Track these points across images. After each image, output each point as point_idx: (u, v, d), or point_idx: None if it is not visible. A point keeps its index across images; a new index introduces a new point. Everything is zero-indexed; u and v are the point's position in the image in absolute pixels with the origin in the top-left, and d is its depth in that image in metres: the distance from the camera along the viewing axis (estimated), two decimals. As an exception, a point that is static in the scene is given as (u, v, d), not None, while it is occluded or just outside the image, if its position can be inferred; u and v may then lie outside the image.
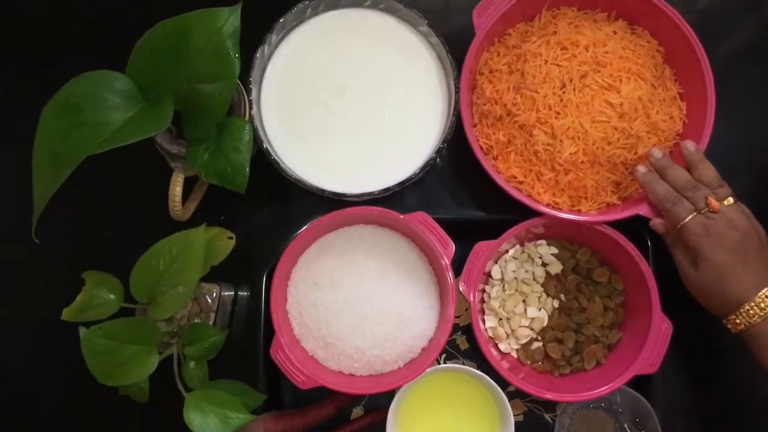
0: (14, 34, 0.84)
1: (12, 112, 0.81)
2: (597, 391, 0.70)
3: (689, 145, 0.69)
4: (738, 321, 0.64)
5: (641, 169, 0.70)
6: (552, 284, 0.76)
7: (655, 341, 0.70)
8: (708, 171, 0.68)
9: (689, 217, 0.66)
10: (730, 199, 0.66)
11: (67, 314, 0.62)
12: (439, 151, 0.70)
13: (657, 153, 0.70)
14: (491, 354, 0.72)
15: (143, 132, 0.59)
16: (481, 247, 0.72)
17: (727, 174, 0.68)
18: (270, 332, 0.71)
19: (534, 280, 0.77)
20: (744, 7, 0.85)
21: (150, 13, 0.62)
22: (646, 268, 0.71)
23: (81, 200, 0.77)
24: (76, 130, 0.59)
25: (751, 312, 0.63)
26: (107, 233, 0.78)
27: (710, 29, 0.72)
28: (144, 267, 0.60)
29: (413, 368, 0.71)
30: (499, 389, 0.71)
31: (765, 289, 0.63)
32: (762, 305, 0.62)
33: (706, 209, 0.65)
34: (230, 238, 0.69)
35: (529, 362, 0.76)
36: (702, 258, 0.65)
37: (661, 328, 0.70)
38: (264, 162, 0.71)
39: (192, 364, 0.65)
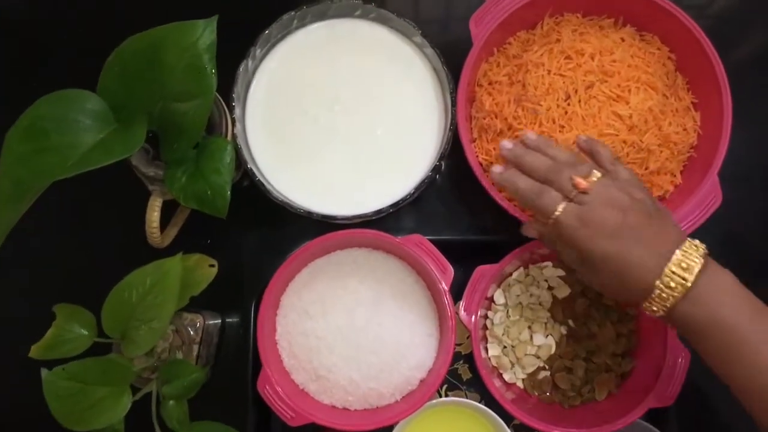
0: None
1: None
2: (609, 425, 0.65)
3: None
4: (655, 308, 0.53)
5: (496, 169, 0.61)
6: (559, 309, 0.71)
7: (671, 371, 0.65)
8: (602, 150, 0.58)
9: (560, 208, 0.55)
10: (596, 173, 0.55)
11: (35, 351, 0.58)
12: (435, 169, 0.66)
13: (531, 135, 0.61)
14: (494, 385, 0.67)
15: (114, 154, 0.55)
16: (482, 271, 0.68)
17: (742, 184, 0.63)
18: (259, 364, 0.67)
19: (540, 304, 0.72)
20: (755, 11, 0.81)
21: (121, 28, 0.58)
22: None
23: (52, 227, 0.74)
24: (42, 155, 0.55)
25: (663, 295, 0.51)
26: (81, 262, 0.74)
27: (721, 35, 0.67)
28: (115, 300, 0.56)
29: (411, 402, 0.66)
30: (503, 423, 0.66)
31: (668, 265, 0.51)
32: (671, 284, 0.51)
33: (575, 192, 0.55)
34: (212, 265, 0.65)
35: (536, 393, 0.71)
36: (587, 254, 0.54)
37: (678, 356, 0.65)
38: (251, 185, 0.66)
39: (171, 403, 0.60)
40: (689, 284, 0.51)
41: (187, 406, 0.62)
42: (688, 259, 0.51)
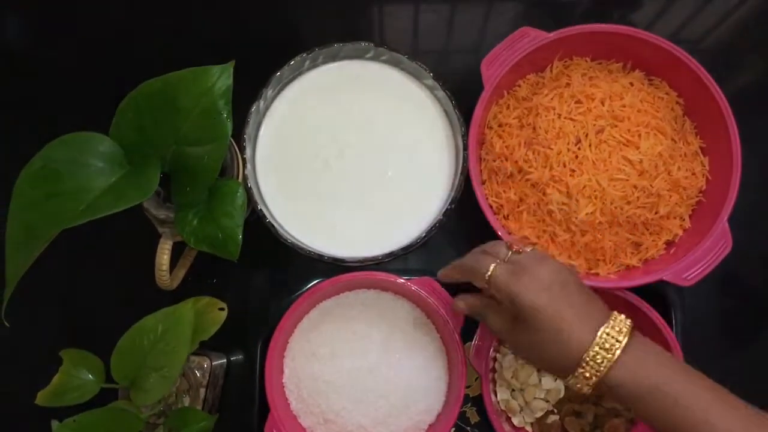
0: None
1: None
2: (620, 470, 0.65)
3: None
4: (588, 374, 0.50)
5: (440, 272, 0.62)
6: (568, 352, 0.71)
7: (682, 417, 0.65)
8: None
9: (493, 266, 0.55)
10: (529, 247, 0.57)
11: (41, 398, 0.57)
12: (446, 213, 0.66)
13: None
14: (503, 429, 0.66)
15: (127, 200, 0.54)
16: (493, 314, 0.67)
17: (755, 224, 0.63)
18: (265, 407, 0.66)
19: (549, 347, 0.71)
20: (748, 45, 0.82)
21: (135, 72, 0.58)
22: (671, 338, 0.66)
23: (59, 269, 0.72)
24: (53, 199, 0.54)
25: (597, 358, 0.50)
26: (87, 304, 0.73)
27: (715, 69, 0.67)
28: (126, 348, 0.55)
29: (420, 447, 0.66)
30: (513, 469, 0.65)
31: (604, 327, 0.51)
32: (606, 345, 0.50)
33: (510, 254, 0.56)
34: (221, 309, 0.64)
35: (545, 437, 0.70)
36: (519, 306, 0.52)
37: (689, 402, 0.65)
38: (259, 222, 0.66)
39: (178, 451, 0.59)
40: (623, 345, 0.50)
41: (195, 454, 0.61)
42: (620, 325, 0.51)
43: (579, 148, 0.66)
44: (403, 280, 0.67)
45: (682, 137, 0.69)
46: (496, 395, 0.70)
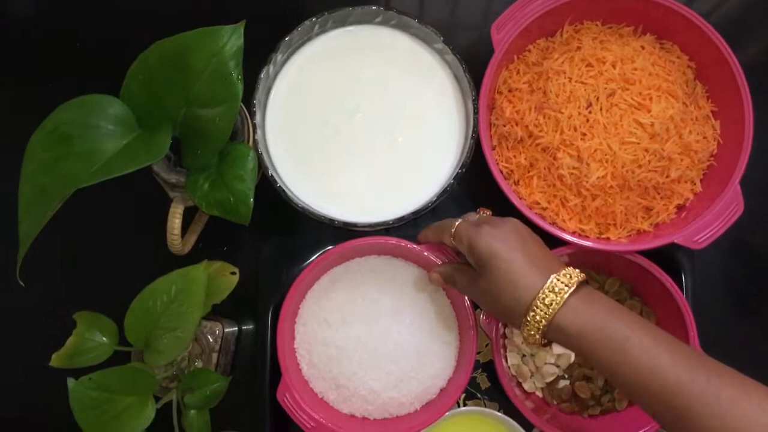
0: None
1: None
2: (631, 434, 0.65)
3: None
4: (538, 317, 0.52)
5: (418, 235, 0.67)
6: (579, 317, 0.71)
7: (693, 380, 0.65)
8: None
9: (458, 221, 0.61)
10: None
11: (56, 360, 0.57)
12: (456, 177, 0.66)
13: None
14: (515, 394, 0.66)
15: (138, 162, 0.54)
16: (504, 279, 0.67)
17: (759, 192, 0.63)
18: (276, 373, 0.66)
19: (559, 312, 0.72)
20: (761, 14, 0.81)
21: (146, 33, 0.57)
22: (682, 302, 0.66)
23: (72, 234, 0.73)
24: (65, 161, 0.54)
25: (546, 300, 0.52)
26: (100, 269, 0.73)
27: (729, 38, 0.67)
28: (139, 309, 0.55)
29: (432, 411, 0.66)
30: (524, 432, 0.66)
31: (554, 275, 0.53)
32: (556, 289, 0.52)
33: (478, 216, 0.62)
34: (233, 273, 0.64)
35: (555, 402, 0.71)
36: (477, 253, 0.56)
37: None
38: (269, 189, 0.66)
39: (192, 413, 0.59)
40: (572, 289, 0.52)
41: (209, 415, 0.61)
42: (572, 273, 0.54)
43: (590, 112, 0.66)
44: (414, 246, 0.67)
45: (693, 101, 0.69)
46: (506, 361, 0.71)
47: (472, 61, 0.69)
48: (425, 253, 0.67)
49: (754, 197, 0.66)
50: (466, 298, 0.66)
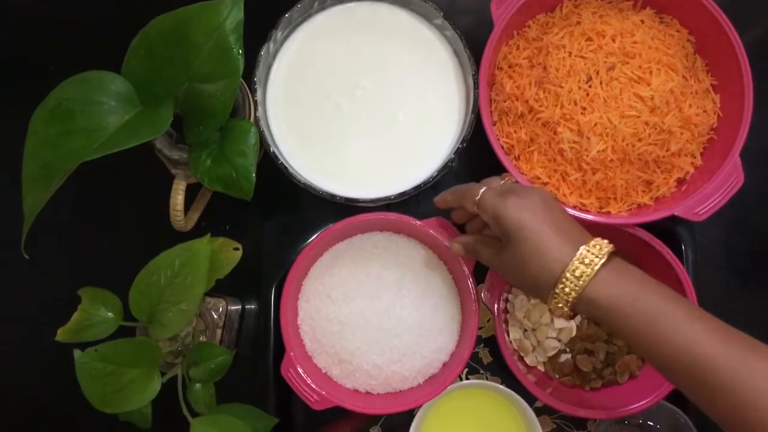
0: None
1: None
2: (631, 406, 0.65)
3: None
4: (567, 289, 0.51)
5: (436, 198, 0.64)
6: (580, 292, 0.71)
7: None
8: None
9: (482, 189, 0.57)
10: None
11: (61, 335, 0.58)
12: (457, 152, 0.66)
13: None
14: (517, 367, 0.67)
15: (141, 136, 0.54)
16: (505, 253, 0.67)
17: (765, 168, 0.63)
18: (280, 349, 0.67)
19: (561, 287, 0.72)
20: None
21: (146, 9, 0.57)
22: (683, 274, 0.66)
23: (75, 212, 0.73)
24: (67, 137, 0.55)
25: (576, 272, 0.50)
26: (104, 246, 0.73)
27: (735, 13, 0.67)
28: (143, 283, 0.56)
29: (434, 385, 0.66)
30: (526, 405, 0.66)
31: (583, 246, 0.51)
32: (586, 261, 0.51)
33: (502, 182, 0.60)
34: (236, 249, 0.64)
35: (557, 376, 0.71)
36: (505, 225, 0.54)
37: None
38: (270, 167, 0.66)
39: (197, 386, 0.60)
40: (603, 261, 0.51)
41: (213, 389, 0.62)
42: (602, 244, 0.52)
43: (590, 86, 0.66)
44: (415, 221, 0.67)
45: (693, 75, 0.69)
46: (508, 335, 0.71)
47: (472, 40, 0.68)
48: (427, 230, 0.67)
49: (754, 172, 0.66)
50: (468, 273, 0.66)
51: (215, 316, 0.66)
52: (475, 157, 0.73)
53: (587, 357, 0.70)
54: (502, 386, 0.67)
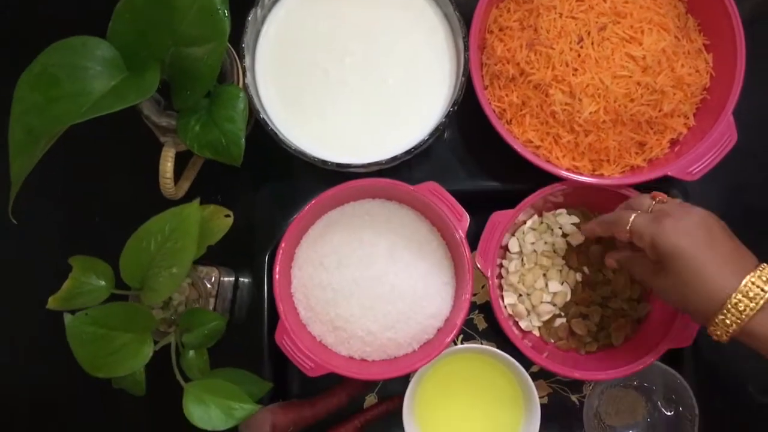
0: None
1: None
2: (626, 367, 0.65)
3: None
4: (728, 321, 0.50)
5: (582, 228, 0.66)
6: (574, 256, 0.71)
7: (688, 312, 0.65)
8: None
9: (633, 216, 0.56)
10: (678, 200, 0.57)
11: (53, 302, 0.57)
12: (448, 116, 0.65)
13: None
14: (513, 332, 0.67)
15: (127, 100, 0.54)
16: (498, 216, 0.67)
17: (759, 132, 0.63)
18: (274, 318, 0.67)
19: (554, 252, 0.72)
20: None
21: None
22: (676, 234, 0.66)
23: (64, 181, 0.73)
24: (53, 103, 0.54)
25: (740, 306, 0.49)
26: (94, 215, 0.73)
27: None
28: (134, 248, 0.55)
29: (429, 350, 0.66)
30: (522, 369, 0.66)
31: (750, 275, 0.50)
32: (750, 294, 0.49)
33: (653, 203, 0.57)
34: (227, 216, 0.64)
35: (552, 340, 0.71)
36: (661, 251, 0.52)
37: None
38: (261, 135, 0.66)
39: (191, 353, 0.60)
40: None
41: (207, 355, 0.61)
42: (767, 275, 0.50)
43: (581, 47, 0.65)
44: (407, 186, 0.67)
45: (685, 34, 0.68)
46: (503, 300, 0.71)
47: (462, 3, 0.67)
48: (420, 195, 0.66)
49: (747, 134, 0.66)
50: (461, 238, 0.66)
51: (208, 286, 0.66)
52: (466, 121, 0.72)
53: (582, 321, 0.70)
54: (497, 350, 0.67)
